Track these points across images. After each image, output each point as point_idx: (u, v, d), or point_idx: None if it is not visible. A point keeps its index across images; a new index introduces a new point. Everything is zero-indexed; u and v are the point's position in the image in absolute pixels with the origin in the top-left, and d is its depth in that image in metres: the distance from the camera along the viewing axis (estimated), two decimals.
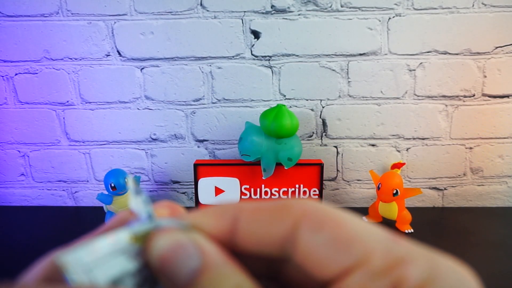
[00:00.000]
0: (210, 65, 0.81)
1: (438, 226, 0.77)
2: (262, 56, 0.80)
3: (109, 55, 0.80)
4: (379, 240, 0.13)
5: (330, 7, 0.77)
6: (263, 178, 0.74)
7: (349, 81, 0.81)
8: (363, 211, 0.81)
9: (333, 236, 0.12)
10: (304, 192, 0.77)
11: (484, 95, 0.81)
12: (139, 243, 0.13)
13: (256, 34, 0.79)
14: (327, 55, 0.79)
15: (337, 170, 0.86)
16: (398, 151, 0.85)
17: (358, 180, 0.87)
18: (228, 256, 0.13)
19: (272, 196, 0.78)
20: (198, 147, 0.86)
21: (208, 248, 0.13)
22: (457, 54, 0.79)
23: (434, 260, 0.12)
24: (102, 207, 0.81)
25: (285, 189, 0.77)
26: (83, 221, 0.82)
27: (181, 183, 0.88)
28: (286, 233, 0.13)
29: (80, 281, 0.12)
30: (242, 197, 0.78)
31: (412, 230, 0.72)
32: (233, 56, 0.80)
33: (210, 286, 0.12)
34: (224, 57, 0.80)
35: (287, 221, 0.13)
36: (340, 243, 0.12)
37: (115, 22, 0.79)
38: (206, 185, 0.77)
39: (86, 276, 0.12)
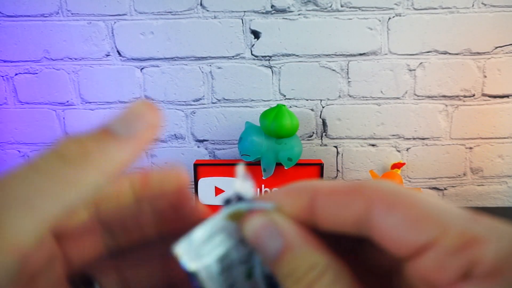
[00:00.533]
0: (210, 65, 0.81)
1: None
2: (262, 56, 0.80)
3: (109, 55, 0.81)
4: (455, 218, 0.12)
5: (330, 7, 0.77)
6: (263, 178, 0.74)
7: (349, 81, 0.81)
8: None
9: (406, 215, 0.13)
10: None
11: (484, 95, 0.81)
12: (235, 221, 0.15)
13: (256, 34, 0.79)
14: (327, 55, 0.79)
15: (337, 170, 0.86)
16: (398, 151, 0.85)
17: (358, 180, 0.87)
18: (308, 236, 0.14)
19: None
20: (198, 147, 0.86)
21: (288, 230, 0.14)
22: (457, 54, 0.79)
23: None
24: None
25: None
26: None
27: None
28: (360, 214, 0.14)
29: (194, 267, 0.14)
30: None
31: None
32: (233, 56, 0.80)
33: (290, 264, 0.13)
34: (224, 57, 0.80)
35: (361, 202, 0.14)
36: (414, 222, 0.13)
37: (115, 22, 0.79)
38: (206, 185, 0.77)
39: (198, 260, 0.14)
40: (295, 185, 0.16)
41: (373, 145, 0.84)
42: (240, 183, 0.17)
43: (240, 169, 0.17)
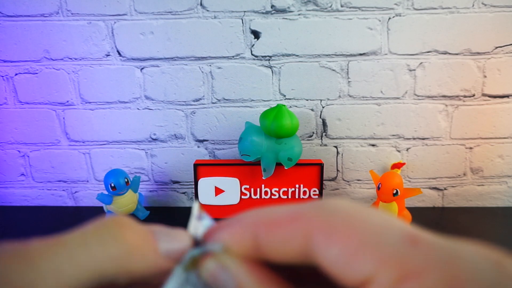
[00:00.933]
0: (210, 65, 0.81)
1: (438, 226, 0.77)
2: (262, 56, 0.80)
3: (109, 55, 0.81)
4: (393, 245, 0.12)
5: (330, 7, 0.77)
6: (263, 178, 0.74)
7: (349, 81, 0.81)
8: None
9: (344, 248, 0.12)
10: (304, 192, 0.77)
11: (484, 95, 0.81)
12: (194, 269, 0.15)
13: (256, 34, 0.79)
14: (327, 55, 0.79)
15: (337, 170, 0.86)
16: (398, 151, 0.85)
17: (358, 180, 0.87)
18: (258, 272, 0.14)
19: (272, 196, 0.78)
20: (198, 147, 0.86)
21: (238, 272, 0.14)
22: (457, 54, 0.79)
23: (454, 268, 0.11)
24: (102, 207, 0.81)
25: (285, 189, 0.77)
26: (83, 221, 0.82)
27: (181, 183, 0.88)
28: (301, 245, 0.13)
29: None
30: (242, 197, 0.78)
31: None
32: (233, 56, 0.80)
33: None
34: (224, 57, 0.80)
35: (300, 233, 0.13)
36: (351, 255, 0.12)
37: (115, 22, 0.79)
38: (206, 185, 0.77)
39: None
40: (237, 218, 0.16)
41: (373, 145, 0.84)
42: (195, 223, 0.17)
43: (195, 207, 0.17)
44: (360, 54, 0.79)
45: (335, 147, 0.85)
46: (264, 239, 0.14)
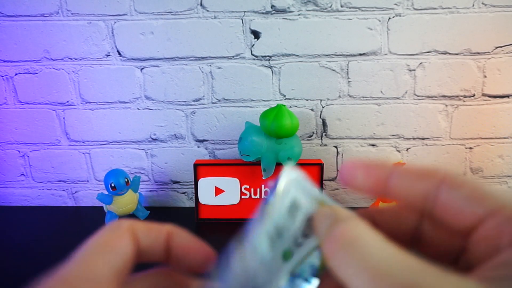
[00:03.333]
0: (210, 65, 0.81)
1: None
2: (262, 56, 0.80)
3: (109, 55, 0.81)
4: (509, 199, 0.15)
5: (330, 7, 0.77)
6: (263, 178, 0.74)
7: (349, 81, 0.81)
8: None
9: (470, 192, 0.15)
10: None
11: (484, 95, 0.81)
12: (318, 205, 0.18)
13: (256, 34, 0.79)
14: (327, 55, 0.79)
15: (337, 170, 0.86)
16: (398, 151, 0.85)
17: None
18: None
19: None
20: (198, 147, 0.86)
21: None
22: (457, 54, 0.79)
23: None
24: (102, 207, 0.81)
25: None
26: (83, 221, 0.82)
27: (181, 183, 0.88)
28: (430, 189, 0.16)
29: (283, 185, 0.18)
30: (242, 197, 0.78)
31: None
32: (233, 56, 0.80)
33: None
34: (224, 57, 0.80)
35: (432, 180, 0.16)
36: (477, 197, 0.15)
37: (115, 22, 0.79)
38: (206, 185, 0.77)
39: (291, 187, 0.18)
40: (375, 162, 0.19)
41: (373, 145, 0.84)
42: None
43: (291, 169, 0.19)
44: (360, 54, 0.79)
45: (335, 147, 0.85)
46: (396, 178, 0.17)
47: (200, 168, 0.77)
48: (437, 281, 0.12)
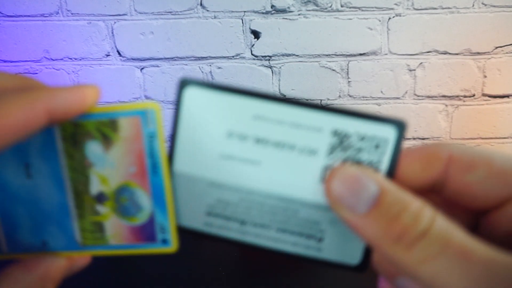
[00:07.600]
0: (210, 65, 0.81)
1: None
2: (262, 56, 0.80)
3: (109, 55, 0.81)
4: None
5: (330, 7, 0.77)
6: None
7: (349, 81, 0.81)
8: None
9: (486, 172, 0.14)
10: None
11: (484, 95, 0.81)
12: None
13: (256, 34, 0.79)
14: (327, 55, 0.79)
15: None
16: None
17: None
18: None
19: None
20: None
21: (380, 177, 0.15)
22: (457, 54, 0.79)
23: None
24: None
25: None
26: None
27: None
28: (435, 177, 0.15)
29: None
30: None
31: None
32: (233, 56, 0.80)
33: (390, 208, 0.14)
34: (224, 57, 0.80)
35: (437, 167, 0.15)
36: (494, 178, 0.14)
37: (115, 22, 0.79)
38: None
39: None
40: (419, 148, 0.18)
41: None
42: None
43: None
44: (360, 54, 0.79)
45: None
46: (407, 164, 0.16)
47: None
48: None
